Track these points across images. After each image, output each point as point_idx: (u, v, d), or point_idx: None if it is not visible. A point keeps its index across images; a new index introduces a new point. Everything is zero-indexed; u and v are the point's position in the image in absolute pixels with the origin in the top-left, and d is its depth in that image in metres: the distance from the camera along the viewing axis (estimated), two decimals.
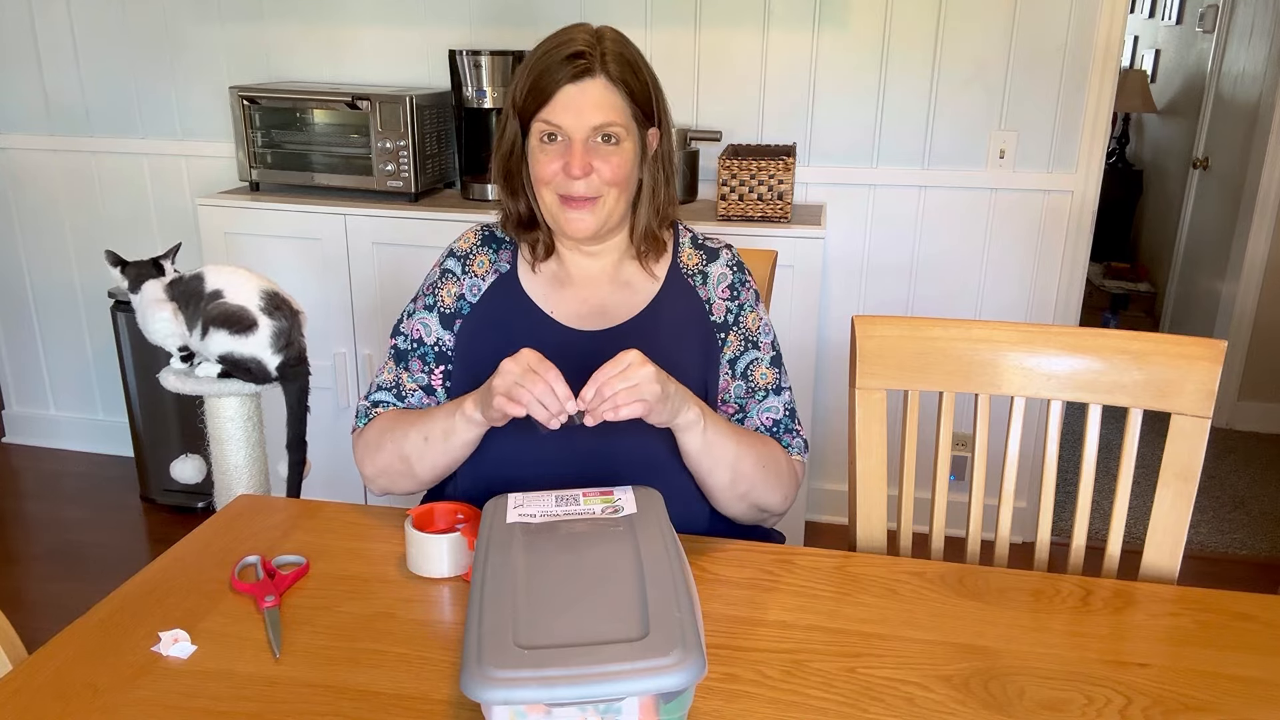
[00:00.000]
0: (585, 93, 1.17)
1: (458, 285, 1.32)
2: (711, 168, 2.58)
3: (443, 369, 1.32)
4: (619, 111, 1.19)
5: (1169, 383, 1.25)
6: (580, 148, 1.19)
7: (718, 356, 1.30)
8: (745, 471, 1.22)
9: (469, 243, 1.35)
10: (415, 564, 1.13)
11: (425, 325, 1.32)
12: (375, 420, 1.31)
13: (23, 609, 2.45)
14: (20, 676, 0.94)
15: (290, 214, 2.57)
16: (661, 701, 0.82)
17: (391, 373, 1.33)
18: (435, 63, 2.72)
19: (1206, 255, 3.89)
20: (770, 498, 1.27)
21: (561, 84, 1.17)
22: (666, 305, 1.31)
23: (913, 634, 1.03)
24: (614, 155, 1.20)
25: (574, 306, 1.31)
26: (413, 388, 1.32)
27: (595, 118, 1.18)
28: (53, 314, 3.24)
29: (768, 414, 1.31)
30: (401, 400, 1.31)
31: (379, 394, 1.32)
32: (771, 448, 1.28)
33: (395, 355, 1.33)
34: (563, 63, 1.17)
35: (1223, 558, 2.79)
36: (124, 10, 2.86)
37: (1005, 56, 2.49)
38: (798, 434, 1.33)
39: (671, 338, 1.29)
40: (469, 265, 1.33)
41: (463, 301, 1.32)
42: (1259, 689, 0.95)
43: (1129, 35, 5.32)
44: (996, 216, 2.60)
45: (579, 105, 1.17)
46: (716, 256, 1.34)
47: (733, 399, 1.31)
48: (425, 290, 1.34)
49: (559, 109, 1.18)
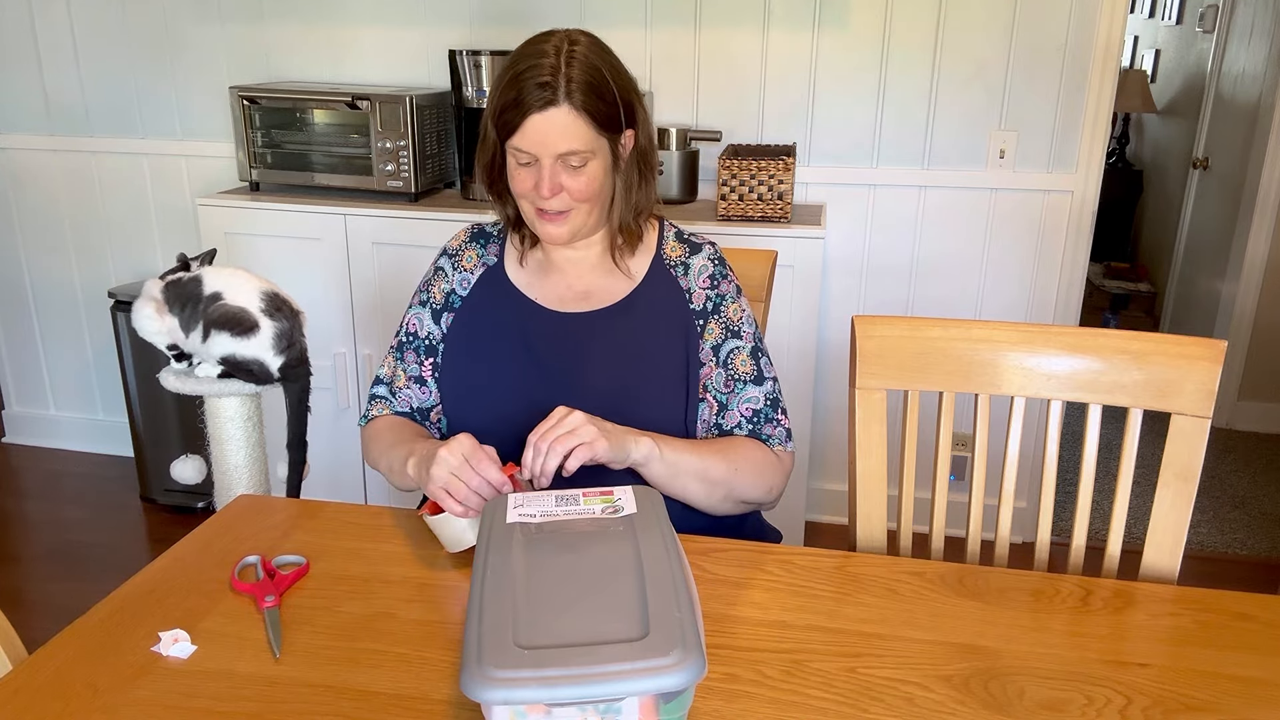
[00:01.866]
0: (550, 121, 1.22)
1: (447, 282, 1.41)
2: (711, 168, 2.58)
3: (431, 362, 1.39)
4: (582, 138, 1.24)
5: (1169, 383, 1.25)
6: (549, 170, 1.25)
7: (698, 343, 1.34)
8: (716, 478, 1.26)
9: (459, 240, 1.44)
10: (451, 544, 1.14)
11: (419, 320, 1.41)
12: (375, 423, 1.40)
13: (23, 609, 2.45)
14: (20, 676, 0.94)
15: (290, 214, 2.57)
16: (661, 701, 0.82)
17: (389, 366, 1.42)
18: (435, 63, 2.72)
19: (1206, 255, 3.89)
20: (752, 493, 1.30)
21: (528, 113, 1.22)
22: (648, 293, 1.36)
23: (913, 634, 1.03)
24: (581, 175, 1.26)
25: (559, 291, 1.37)
26: (405, 381, 1.39)
27: (560, 145, 1.23)
28: (53, 314, 3.24)
29: (747, 404, 1.33)
30: (394, 394, 1.40)
31: (377, 387, 1.42)
32: (742, 447, 1.31)
33: (395, 349, 1.42)
34: (531, 91, 1.22)
35: (1223, 558, 2.79)
36: (124, 10, 2.86)
37: (1005, 56, 2.49)
38: (779, 424, 1.35)
39: (651, 323, 1.34)
40: (459, 262, 1.42)
41: (453, 296, 1.40)
42: (1259, 689, 0.95)
43: (1129, 35, 5.32)
44: (996, 216, 2.60)
45: (544, 134, 1.23)
46: (699, 250, 1.39)
47: (713, 390, 1.34)
48: (421, 287, 1.43)
49: (527, 138, 1.24)
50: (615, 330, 1.33)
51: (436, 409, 1.39)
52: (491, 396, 1.33)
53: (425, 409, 1.39)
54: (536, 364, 1.32)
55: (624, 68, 1.29)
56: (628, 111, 1.28)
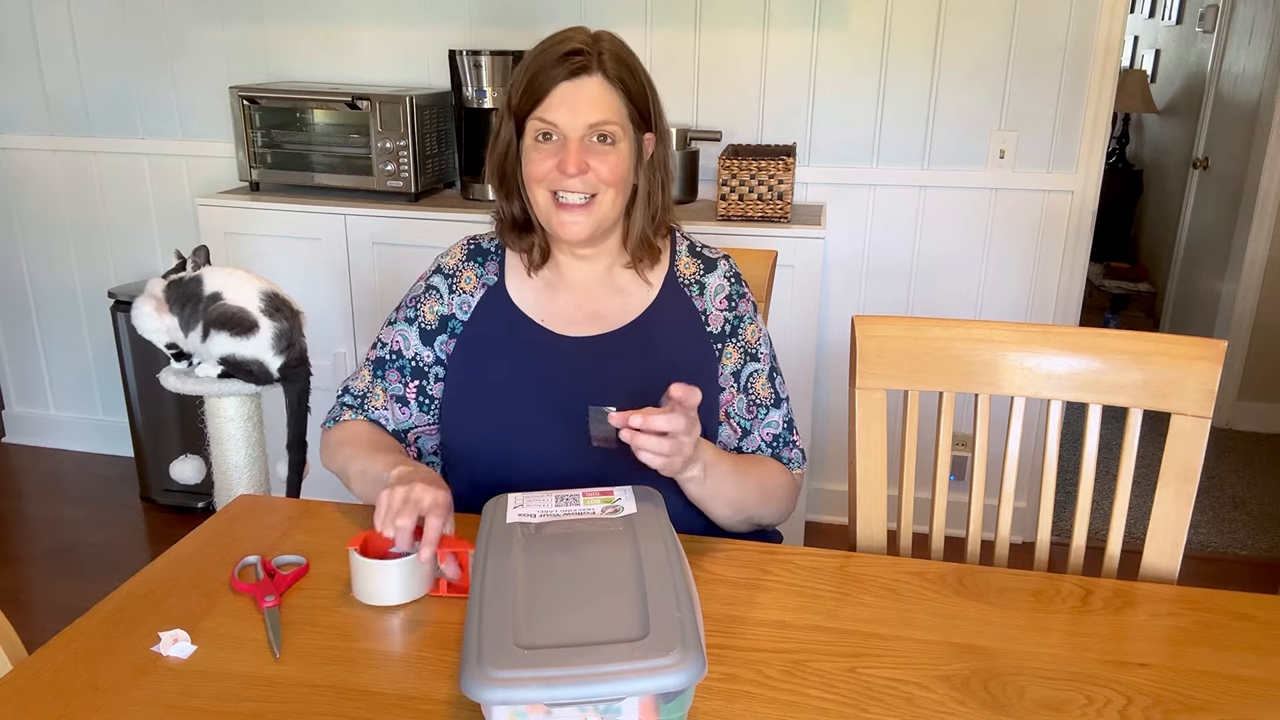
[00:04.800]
0: (582, 90, 1.16)
1: (443, 304, 1.31)
2: (711, 168, 2.58)
3: (417, 384, 1.31)
4: (615, 110, 1.18)
5: (1169, 383, 1.25)
6: (576, 145, 1.17)
7: (714, 368, 1.29)
8: (749, 501, 1.24)
9: (455, 259, 1.33)
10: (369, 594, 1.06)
11: (404, 338, 1.31)
12: (344, 425, 1.31)
13: (23, 609, 2.45)
14: (20, 676, 0.94)
15: (290, 214, 2.57)
16: (661, 701, 0.82)
17: (364, 381, 1.33)
18: (435, 63, 2.72)
19: (1206, 255, 3.89)
20: (769, 517, 1.29)
21: (558, 81, 1.16)
22: (661, 313, 1.29)
23: (913, 634, 1.03)
24: (610, 155, 1.19)
25: (567, 312, 1.29)
26: (384, 400, 1.31)
27: (591, 115, 1.16)
28: (53, 314, 3.24)
29: (768, 429, 1.31)
30: (364, 410, 1.31)
31: (346, 398, 1.33)
32: (771, 471, 1.29)
33: (374, 363, 1.33)
34: (559, 60, 1.16)
35: (1223, 558, 2.79)
36: (124, 10, 2.86)
37: (1005, 56, 2.49)
38: (795, 445, 1.33)
39: (666, 346, 1.28)
40: (456, 283, 1.32)
41: (454, 321, 1.30)
42: (1259, 689, 0.95)
43: (1129, 35, 5.32)
44: (996, 216, 2.60)
45: (575, 102, 1.16)
46: (714, 267, 1.32)
47: (736, 416, 1.30)
48: (408, 302, 1.33)
49: (554, 106, 1.16)
50: (627, 354, 1.26)
51: (414, 431, 1.32)
52: (499, 428, 1.25)
53: (402, 431, 1.32)
54: (545, 393, 1.25)
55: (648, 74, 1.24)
56: (654, 111, 1.23)
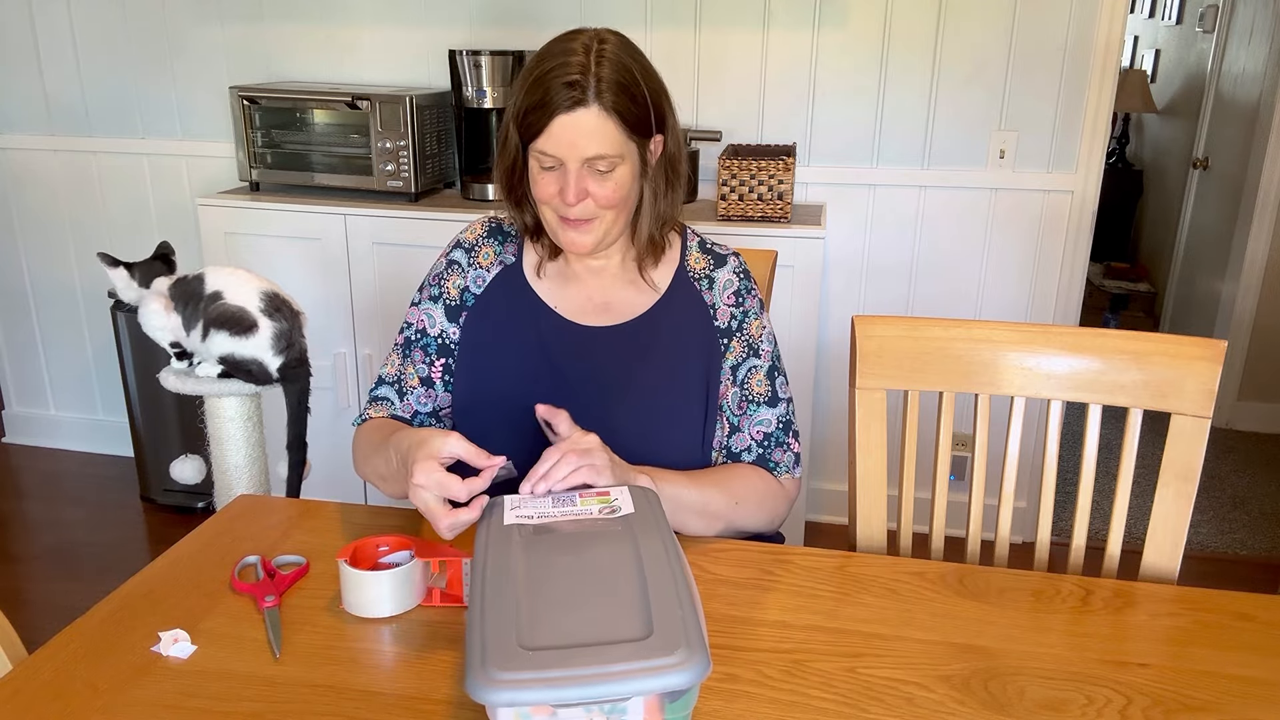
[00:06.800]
0: (578, 123, 1.16)
1: (463, 277, 1.32)
2: (711, 168, 2.58)
3: (443, 362, 1.32)
4: (612, 141, 1.18)
5: (1169, 383, 1.25)
6: (574, 175, 1.18)
7: (720, 362, 1.30)
8: (716, 512, 1.23)
9: (475, 234, 1.35)
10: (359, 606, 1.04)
11: (430, 316, 1.32)
12: (370, 422, 1.30)
13: (23, 609, 2.45)
14: (20, 676, 0.94)
15: (290, 214, 2.57)
16: (667, 701, 0.82)
17: (395, 365, 1.33)
18: (435, 63, 2.72)
19: (1206, 255, 3.89)
20: (753, 524, 1.28)
21: (555, 114, 1.16)
22: (671, 307, 1.30)
23: (913, 634, 1.03)
24: (609, 181, 1.20)
25: (579, 302, 1.31)
26: (414, 382, 1.31)
27: (589, 149, 1.17)
28: (53, 314, 3.24)
29: (759, 427, 1.30)
30: (402, 396, 1.31)
31: (380, 388, 1.33)
32: (744, 477, 1.27)
33: (401, 346, 1.34)
34: (558, 90, 1.15)
35: (1223, 558, 2.79)
36: (124, 10, 2.86)
37: (1005, 56, 2.49)
38: (789, 449, 1.31)
39: (674, 339, 1.29)
40: (474, 257, 1.33)
41: (467, 293, 1.32)
42: (1259, 689, 0.95)
43: (1129, 35, 5.32)
44: (996, 216, 2.60)
45: (571, 137, 1.16)
46: (724, 263, 1.34)
47: (727, 410, 1.30)
48: (431, 280, 1.34)
49: (553, 140, 1.17)
50: (636, 346, 1.28)
51: (445, 411, 1.33)
52: (506, 405, 1.26)
53: (429, 414, 1.33)
54: (555, 375, 1.27)
55: (654, 70, 1.22)
56: (658, 116, 1.22)
